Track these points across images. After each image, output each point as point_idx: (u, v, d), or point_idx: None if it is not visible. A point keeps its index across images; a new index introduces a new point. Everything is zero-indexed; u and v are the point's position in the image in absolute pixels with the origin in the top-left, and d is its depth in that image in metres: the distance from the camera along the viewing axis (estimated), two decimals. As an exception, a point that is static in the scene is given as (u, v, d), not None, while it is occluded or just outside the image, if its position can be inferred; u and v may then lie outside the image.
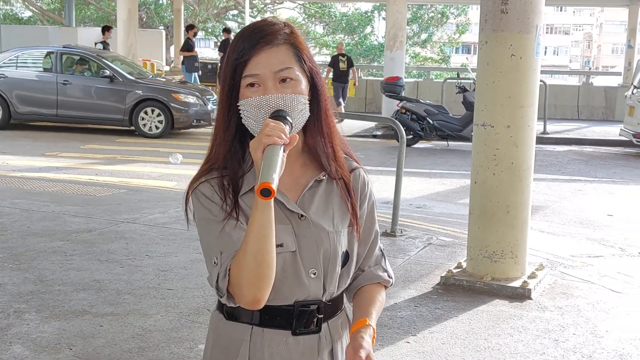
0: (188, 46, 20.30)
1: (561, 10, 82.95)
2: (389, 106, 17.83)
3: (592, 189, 11.40)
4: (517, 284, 6.02)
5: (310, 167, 1.98)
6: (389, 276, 2.14)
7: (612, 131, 17.88)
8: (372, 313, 2.03)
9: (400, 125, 8.14)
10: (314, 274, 1.93)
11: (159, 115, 15.65)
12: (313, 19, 44.07)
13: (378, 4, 37.20)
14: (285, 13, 44.52)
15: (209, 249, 1.89)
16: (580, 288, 6.24)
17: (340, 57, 19.74)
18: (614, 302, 5.93)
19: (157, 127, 15.68)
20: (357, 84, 20.72)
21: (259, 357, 1.96)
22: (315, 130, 1.96)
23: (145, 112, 15.70)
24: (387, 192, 9.18)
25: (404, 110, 15.72)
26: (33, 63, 16.81)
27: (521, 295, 5.91)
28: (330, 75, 19.44)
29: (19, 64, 16.54)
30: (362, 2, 40.18)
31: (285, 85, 1.86)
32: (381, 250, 2.15)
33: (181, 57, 21.68)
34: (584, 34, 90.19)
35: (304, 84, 1.90)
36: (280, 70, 1.86)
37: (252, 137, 1.88)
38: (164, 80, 18.00)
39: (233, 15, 41.46)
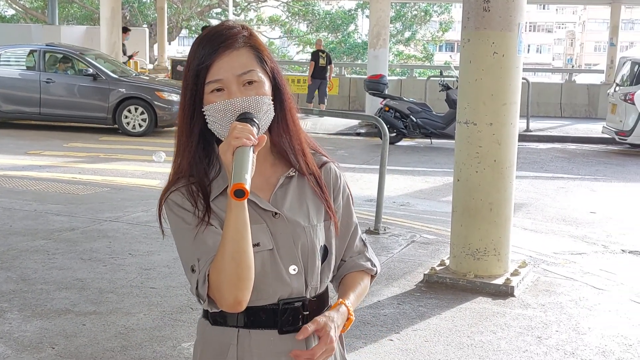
0: None
1: (544, 8, 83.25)
2: (372, 104, 17.84)
3: (574, 187, 11.46)
4: (500, 281, 6.05)
5: (279, 165, 2.00)
6: (373, 265, 2.16)
7: (594, 129, 17.97)
8: (350, 295, 2.06)
9: (384, 123, 8.15)
10: (295, 270, 1.95)
11: (142, 113, 15.59)
12: (297, 17, 44.02)
13: (361, 2, 37.18)
14: (269, 11, 44.51)
15: (186, 257, 1.90)
16: (563, 285, 6.27)
17: (320, 53, 20.19)
18: (597, 299, 5.97)
19: (140, 126, 15.62)
20: (331, 80, 21.06)
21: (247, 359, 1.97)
22: (281, 128, 1.98)
23: (129, 111, 15.64)
24: (370, 190, 9.20)
25: (387, 108, 15.74)
26: (16, 61, 16.70)
27: (504, 292, 5.94)
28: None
29: (1, 63, 16.43)
30: (345, 0, 40.24)
31: (249, 88, 1.88)
32: (363, 240, 2.17)
33: (165, 55, 21.59)
34: (566, 32, 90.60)
35: (267, 85, 1.92)
36: (243, 73, 1.89)
37: (218, 142, 1.91)
38: (148, 78, 17.92)
39: (217, 14, 41.32)
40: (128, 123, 15.65)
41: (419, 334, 5.12)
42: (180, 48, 55.04)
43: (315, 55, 20.22)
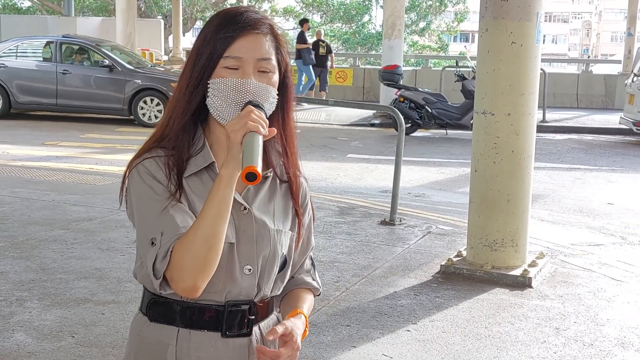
0: (303, 39, 20.55)
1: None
2: (387, 95, 17.79)
3: (592, 178, 11.41)
4: (517, 272, 6.03)
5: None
6: (318, 285, 2.11)
7: (611, 119, 17.85)
8: (304, 307, 1.99)
9: (399, 113, 8.13)
10: (249, 270, 1.87)
11: (158, 104, 15.63)
12: (311, 8, 43.95)
13: (376, -7, 37.13)
14: (283, 2, 44.45)
15: (146, 227, 1.80)
16: (580, 276, 6.25)
17: (320, 43, 21.14)
18: (615, 291, 5.95)
19: (156, 117, 15.66)
20: (333, 66, 22.26)
21: None
22: (274, 126, 1.90)
23: (145, 102, 15.69)
24: (385, 181, 9.19)
25: (402, 99, 15.70)
26: (33, 53, 16.78)
27: (522, 283, 5.92)
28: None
29: (18, 54, 16.51)
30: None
31: (263, 75, 1.84)
32: (312, 260, 2.12)
33: (179, 47, 21.65)
34: (582, 22, 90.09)
35: (276, 77, 1.88)
36: (262, 59, 1.84)
37: (204, 119, 1.87)
38: (163, 69, 17.97)
39: (231, 5, 41.34)
40: (144, 114, 15.70)
41: (436, 324, 5.12)
42: (195, 39, 55.06)
43: (315, 45, 20.95)
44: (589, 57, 65.24)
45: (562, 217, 8.65)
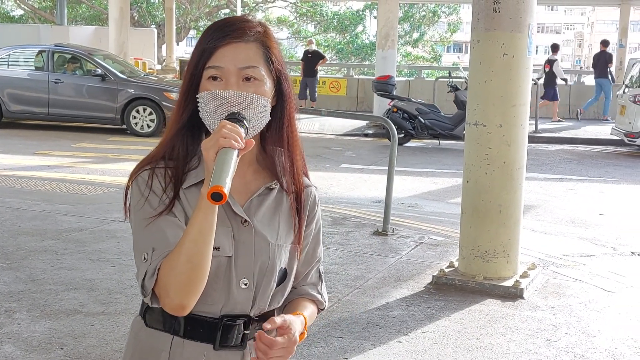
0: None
1: (552, 10, 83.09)
2: (380, 105, 17.82)
3: (583, 188, 11.42)
4: (509, 283, 6.02)
5: (262, 174, 1.92)
6: (323, 299, 2.06)
7: (603, 130, 17.91)
8: (305, 312, 1.96)
9: (392, 123, 8.13)
10: (245, 284, 1.85)
11: (150, 114, 15.61)
12: (305, 18, 44.03)
13: (369, 3, 37.15)
14: (277, 12, 44.53)
15: (140, 242, 1.80)
16: (572, 287, 6.24)
17: (308, 54, 21.49)
18: (606, 302, 5.94)
19: (148, 126, 15.63)
20: (327, 60, 23.55)
21: None
22: (276, 137, 1.90)
23: (137, 111, 15.66)
24: (379, 191, 9.18)
25: (395, 109, 15.71)
26: (25, 62, 16.76)
27: (513, 294, 5.91)
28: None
29: (10, 63, 16.48)
30: (353, 1, 40.20)
31: (248, 84, 1.80)
32: (320, 273, 2.08)
33: (173, 56, 21.64)
34: (575, 33, 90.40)
35: (268, 86, 1.83)
36: (245, 67, 1.80)
37: (207, 131, 1.83)
38: (156, 79, 17.96)
39: (225, 14, 41.37)
40: (136, 123, 15.68)
41: (427, 336, 5.10)
42: (188, 49, 55.07)
43: (304, 54, 21.52)
44: (581, 67, 65.44)
45: (554, 228, 8.65)
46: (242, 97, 1.77)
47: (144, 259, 1.77)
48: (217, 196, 1.60)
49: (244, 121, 1.76)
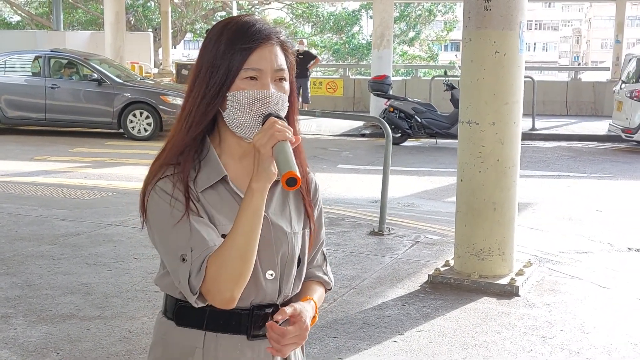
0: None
1: (549, 6, 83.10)
2: (377, 105, 17.83)
3: (581, 185, 11.43)
4: (504, 281, 6.03)
5: None
6: (329, 279, 2.15)
7: (600, 126, 17.92)
8: (314, 296, 2.04)
9: (387, 123, 8.15)
10: (271, 275, 1.93)
11: (147, 117, 15.62)
12: (301, 19, 44.02)
13: (365, 3, 37.16)
14: (273, 13, 44.51)
15: (174, 245, 1.84)
16: (568, 284, 6.25)
17: (299, 55, 20.91)
18: (602, 298, 5.95)
19: (145, 130, 15.65)
20: (320, 60, 23.19)
21: None
22: None
23: (134, 115, 15.67)
24: (375, 191, 9.19)
25: (392, 109, 15.73)
26: (21, 67, 16.76)
27: (509, 292, 5.92)
28: None
29: (7, 69, 16.49)
30: (349, 1, 40.19)
31: (279, 85, 1.89)
32: (324, 254, 2.16)
33: (169, 60, 21.63)
34: (572, 30, 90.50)
35: (288, 86, 1.93)
36: (279, 69, 1.90)
37: (209, 133, 1.91)
38: (152, 82, 17.96)
39: (221, 17, 41.35)
40: (133, 127, 15.68)
41: (423, 335, 5.11)
42: (185, 52, 55.17)
43: (295, 56, 21.08)
44: (579, 64, 65.46)
45: (550, 225, 8.66)
46: (279, 98, 1.87)
47: (183, 259, 1.81)
48: (292, 181, 1.70)
49: (283, 119, 1.86)
